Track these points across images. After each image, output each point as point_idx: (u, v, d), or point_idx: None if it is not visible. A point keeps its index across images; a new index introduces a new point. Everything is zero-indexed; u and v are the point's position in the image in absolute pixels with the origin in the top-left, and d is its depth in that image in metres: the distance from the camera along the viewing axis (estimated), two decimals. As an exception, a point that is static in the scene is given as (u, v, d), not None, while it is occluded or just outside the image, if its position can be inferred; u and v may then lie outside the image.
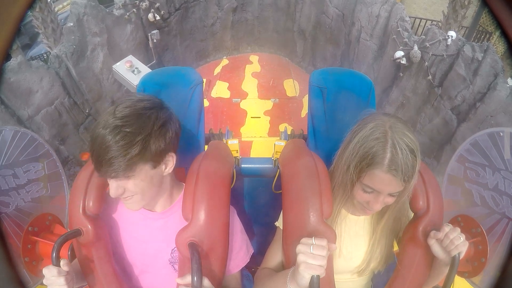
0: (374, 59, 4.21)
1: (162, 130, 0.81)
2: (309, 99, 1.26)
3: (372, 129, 0.85)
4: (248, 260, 1.03)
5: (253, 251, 1.06)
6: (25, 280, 1.13)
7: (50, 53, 3.51)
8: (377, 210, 0.91)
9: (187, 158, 1.17)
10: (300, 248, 0.77)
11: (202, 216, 0.85)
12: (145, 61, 4.23)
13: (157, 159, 0.82)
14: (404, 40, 3.60)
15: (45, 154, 1.34)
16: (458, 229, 0.86)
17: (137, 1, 4.05)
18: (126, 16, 3.99)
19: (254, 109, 4.59)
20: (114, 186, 0.81)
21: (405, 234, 0.99)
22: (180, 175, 1.13)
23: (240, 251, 1.01)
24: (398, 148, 0.81)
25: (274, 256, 1.00)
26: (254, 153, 4.05)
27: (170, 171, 0.89)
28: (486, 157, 1.28)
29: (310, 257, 0.75)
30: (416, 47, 3.50)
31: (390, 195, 0.87)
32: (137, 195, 0.85)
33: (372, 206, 0.88)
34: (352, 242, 1.03)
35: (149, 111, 0.80)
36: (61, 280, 0.81)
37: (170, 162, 0.87)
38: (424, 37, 3.50)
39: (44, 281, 0.82)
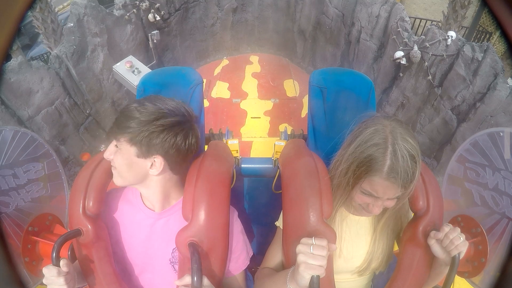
0: (374, 59, 4.21)
1: (162, 132, 0.86)
2: (309, 99, 1.26)
3: (372, 134, 0.84)
4: (248, 263, 1.03)
5: (252, 253, 1.06)
6: (25, 280, 1.13)
7: (50, 53, 3.51)
8: (376, 213, 0.91)
9: (187, 158, 1.17)
10: (300, 248, 0.77)
11: (202, 216, 0.85)
12: (145, 62, 4.23)
13: (141, 149, 0.87)
14: (404, 40, 3.60)
15: (45, 154, 1.34)
16: (458, 229, 0.86)
17: (137, 2, 4.05)
18: (126, 17, 3.99)
19: (254, 109, 4.59)
20: (109, 148, 0.91)
21: (405, 234, 0.99)
22: (180, 175, 1.13)
23: (242, 254, 1.00)
24: (398, 155, 0.80)
25: (274, 256, 1.00)
26: (254, 153, 4.05)
27: (155, 173, 0.90)
28: (486, 157, 1.27)
29: (310, 257, 0.74)
30: (416, 47, 3.50)
31: (389, 199, 0.87)
32: (116, 170, 0.90)
33: (372, 209, 0.88)
34: (353, 242, 1.03)
35: (167, 117, 0.87)
36: (61, 280, 0.81)
37: (155, 165, 0.89)
38: (424, 37, 3.50)
39: (44, 281, 0.82)
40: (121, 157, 0.88)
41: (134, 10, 4.04)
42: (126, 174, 0.90)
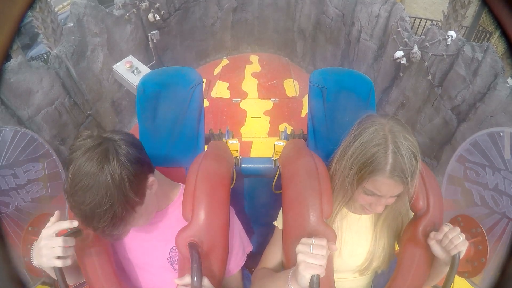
0: (374, 59, 4.21)
1: (127, 173, 0.74)
2: (309, 99, 1.26)
3: (372, 134, 0.85)
4: (245, 259, 1.03)
5: (251, 249, 1.06)
6: (25, 280, 1.13)
7: (50, 53, 3.51)
8: (379, 212, 0.91)
9: (187, 158, 1.17)
10: (299, 248, 0.77)
11: (202, 216, 0.85)
12: (145, 61, 4.23)
13: (141, 198, 0.80)
14: (404, 40, 3.60)
15: (45, 154, 1.35)
16: (458, 229, 0.86)
17: (137, 1, 4.04)
18: (126, 16, 3.98)
19: (254, 109, 4.59)
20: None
21: (405, 234, 0.99)
22: (180, 175, 1.13)
23: (239, 251, 1.01)
24: (399, 153, 0.81)
25: (273, 256, 1.00)
26: (254, 153, 4.05)
27: (156, 187, 0.87)
28: (486, 157, 1.28)
29: (309, 256, 0.75)
30: (416, 47, 3.50)
31: (392, 197, 0.87)
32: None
33: (375, 208, 0.89)
34: (354, 241, 1.03)
35: (104, 171, 0.71)
36: (59, 241, 0.81)
37: (154, 183, 0.85)
38: (424, 37, 3.50)
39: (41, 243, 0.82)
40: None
41: (134, 10, 4.04)
42: (149, 215, 0.90)
